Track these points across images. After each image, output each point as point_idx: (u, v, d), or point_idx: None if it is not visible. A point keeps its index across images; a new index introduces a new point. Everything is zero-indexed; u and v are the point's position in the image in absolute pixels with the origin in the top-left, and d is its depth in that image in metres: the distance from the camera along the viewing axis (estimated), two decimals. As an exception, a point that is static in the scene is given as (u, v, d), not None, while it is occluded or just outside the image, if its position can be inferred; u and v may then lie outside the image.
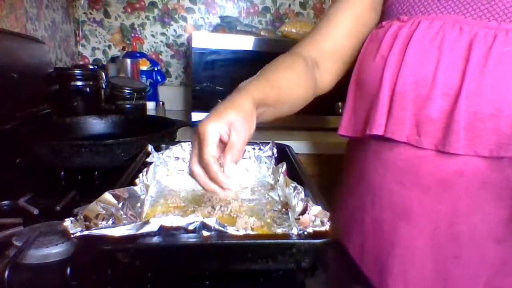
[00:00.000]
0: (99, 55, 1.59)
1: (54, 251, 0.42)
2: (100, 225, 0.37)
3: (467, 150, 0.52)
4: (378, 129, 0.57)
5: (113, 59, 1.43)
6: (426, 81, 0.53)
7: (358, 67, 0.64)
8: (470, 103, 0.50)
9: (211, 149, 0.43)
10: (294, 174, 0.56)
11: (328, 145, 1.11)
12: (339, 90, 0.69)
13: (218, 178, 0.43)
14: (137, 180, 0.49)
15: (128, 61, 1.32)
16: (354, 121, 0.65)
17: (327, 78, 0.68)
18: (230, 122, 0.44)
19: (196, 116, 1.16)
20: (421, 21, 0.55)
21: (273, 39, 1.27)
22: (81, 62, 1.56)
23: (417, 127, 0.55)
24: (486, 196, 0.53)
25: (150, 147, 0.62)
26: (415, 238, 0.57)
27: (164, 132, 0.78)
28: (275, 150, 0.65)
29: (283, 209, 0.51)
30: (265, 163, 0.65)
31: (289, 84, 0.58)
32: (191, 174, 0.46)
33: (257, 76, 0.56)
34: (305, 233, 0.37)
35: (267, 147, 0.66)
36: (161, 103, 1.38)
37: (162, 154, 0.63)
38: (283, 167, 0.57)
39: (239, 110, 0.46)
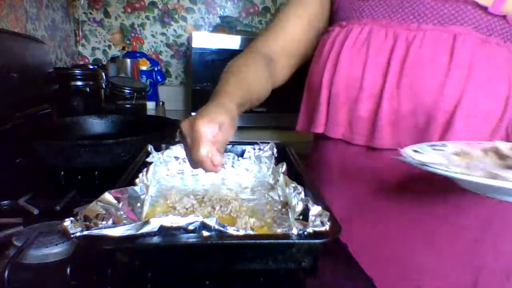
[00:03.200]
0: (99, 55, 1.59)
1: (54, 251, 0.42)
2: (100, 225, 0.37)
3: (392, 144, 0.57)
4: (319, 128, 0.64)
5: (113, 59, 1.43)
6: (356, 84, 0.59)
7: (309, 69, 0.69)
8: (391, 102, 0.56)
9: (206, 146, 0.44)
10: (294, 174, 0.56)
11: (328, 145, 1.11)
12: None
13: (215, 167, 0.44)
14: (137, 180, 0.49)
15: (128, 61, 1.32)
16: (306, 119, 0.71)
17: (283, 71, 0.73)
18: (221, 124, 0.45)
19: (196, 116, 1.16)
20: (353, 27, 0.60)
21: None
22: (81, 62, 1.56)
23: (349, 125, 0.61)
24: (413, 187, 0.59)
25: (150, 147, 0.62)
26: (368, 232, 0.62)
27: (164, 132, 0.78)
28: (275, 150, 0.65)
29: (283, 209, 0.51)
30: (265, 163, 0.65)
31: (256, 83, 0.62)
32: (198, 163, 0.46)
33: (229, 77, 0.59)
34: (305, 233, 0.37)
35: (267, 147, 0.66)
36: (161, 103, 1.38)
37: (162, 154, 0.63)
38: (283, 167, 0.57)
39: (228, 113, 0.47)
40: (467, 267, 0.59)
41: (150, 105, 1.38)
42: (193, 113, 1.16)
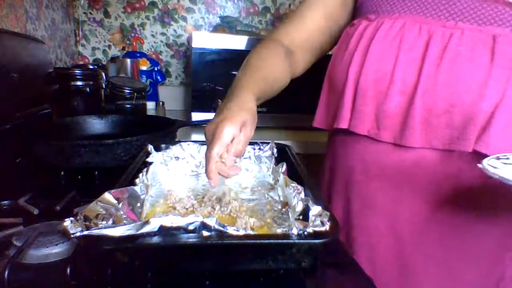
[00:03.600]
0: (99, 55, 1.59)
1: (54, 251, 0.42)
2: (100, 225, 0.37)
3: (423, 143, 0.55)
4: (343, 123, 0.61)
5: (113, 59, 1.43)
6: (386, 78, 0.56)
7: (331, 63, 0.68)
8: (425, 100, 0.53)
9: (219, 149, 0.48)
10: (294, 174, 0.56)
11: (328, 145, 1.11)
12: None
13: (210, 174, 0.48)
14: (137, 180, 0.49)
15: (128, 61, 1.32)
16: (326, 115, 0.69)
17: (299, 65, 0.73)
18: (243, 123, 0.49)
19: (196, 116, 1.16)
20: (384, 21, 0.58)
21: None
22: (81, 62, 1.56)
23: (376, 121, 0.58)
24: (442, 189, 0.56)
25: (150, 147, 0.62)
26: (380, 226, 0.61)
27: (164, 132, 0.78)
28: (275, 150, 0.65)
29: (283, 209, 0.51)
30: (265, 163, 0.65)
31: (276, 73, 0.63)
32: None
33: (250, 67, 0.61)
34: (305, 233, 0.37)
35: (267, 147, 0.66)
36: (161, 103, 1.38)
37: (162, 154, 0.63)
38: (283, 167, 0.57)
39: (249, 111, 0.50)
40: None
41: (150, 105, 1.38)
42: (193, 113, 1.17)
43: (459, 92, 0.51)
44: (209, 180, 0.49)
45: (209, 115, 1.15)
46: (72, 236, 0.34)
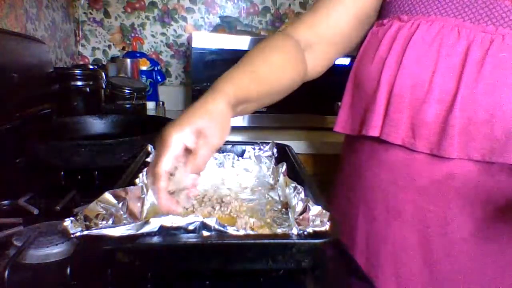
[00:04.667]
0: (99, 55, 1.59)
1: (54, 251, 0.42)
2: (100, 225, 0.37)
3: (461, 154, 0.52)
4: (374, 131, 0.57)
5: (113, 59, 1.43)
6: (423, 84, 0.53)
7: (357, 65, 0.63)
8: (465, 108, 0.50)
9: (166, 163, 0.40)
10: (294, 174, 0.56)
11: (328, 145, 1.11)
12: (339, 89, 0.69)
13: (160, 200, 0.41)
14: (137, 180, 0.49)
15: (128, 61, 1.32)
16: (351, 120, 0.65)
17: (319, 62, 0.66)
18: (198, 129, 0.42)
19: (196, 116, 1.16)
20: (420, 23, 0.54)
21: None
22: (81, 62, 1.56)
23: (412, 130, 0.55)
24: (477, 199, 0.54)
25: (150, 147, 0.62)
26: (407, 237, 0.58)
27: (164, 132, 0.78)
28: (275, 150, 0.65)
29: (283, 209, 0.51)
30: (265, 163, 0.65)
31: (276, 70, 0.56)
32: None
33: (240, 64, 0.54)
34: (305, 233, 0.37)
35: (267, 147, 0.66)
36: (161, 103, 1.38)
37: (162, 154, 0.63)
38: (283, 167, 0.57)
39: (209, 115, 0.42)
40: None
41: (150, 105, 1.38)
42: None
43: (500, 101, 0.49)
44: (165, 211, 0.41)
45: (209, 115, 1.15)
46: (72, 236, 0.34)
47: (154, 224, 0.36)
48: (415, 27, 0.54)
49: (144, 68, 1.47)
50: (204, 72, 1.14)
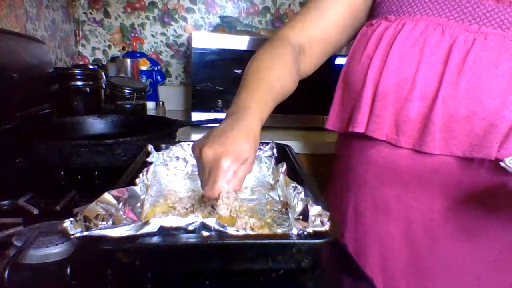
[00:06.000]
0: (99, 55, 1.59)
1: (54, 251, 0.42)
2: (100, 226, 0.37)
3: (443, 150, 0.54)
4: (359, 127, 0.59)
5: (113, 59, 1.43)
6: (407, 82, 0.54)
7: (347, 64, 0.65)
8: (446, 106, 0.52)
9: (221, 187, 0.45)
10: (294, 174, 0.56)
11: (328, 145, 1.11)
12: (339, 90, 0.69)
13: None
14: (137, 180, 0.49)
15: (128, 61, 1.32)
16: (340, 117, 0.67)
17: (309, 65, 0.69)
18: (246, 159, 0.46)
19: (196, 116, 1.16)
20: (406, 22, 0.56)
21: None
22: (81, 62, 1.56)
23: (396, 126, 0.57)
24: (460, 196, 0.55)
25: (150, 147, 0.62)
26: (393, 232, 0.60)
27: (164, 132, 0.78)
28: (275, 150, 0.65)
29: (283, 209, 0.50)
30: (265, 163, 0.65)
31: (283, 83, 0.60)
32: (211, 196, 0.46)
33: (258, 81, 0.57)
34: (305, 233, 0.37)
35: (267, 147, 0.66)
36: (161, 103, 1.38)
37: (162, 154, 0.63)
38: (283, 167, 0.57)
39: (255, 146, 0.47)
40: None
41: (150, 105, 1.38)
42: (193, 113, 1.17)
43: (481, 98, 0.50)
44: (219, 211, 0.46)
45: (209, 115, 1.15)
46: (72, 236, 0.34)
47: (154, 225, 0.36)
48: (401, 26, 0.56)
49: (144, 68, 1.46)
50: (204, 72, 1.14)
